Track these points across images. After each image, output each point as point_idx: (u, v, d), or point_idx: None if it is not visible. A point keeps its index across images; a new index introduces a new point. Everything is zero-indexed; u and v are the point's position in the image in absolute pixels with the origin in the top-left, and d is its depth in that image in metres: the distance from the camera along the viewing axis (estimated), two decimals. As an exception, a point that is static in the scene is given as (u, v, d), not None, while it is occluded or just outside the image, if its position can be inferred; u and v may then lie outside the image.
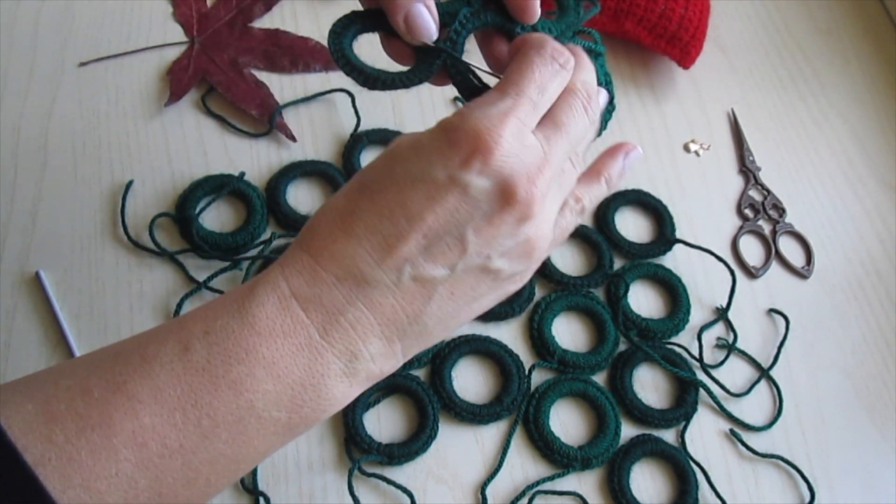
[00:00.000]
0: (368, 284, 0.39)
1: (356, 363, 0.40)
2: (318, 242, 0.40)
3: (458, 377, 0.60)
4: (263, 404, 0.38)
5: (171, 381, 0.37)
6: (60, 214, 0.64)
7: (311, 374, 0.39)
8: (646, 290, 0.66)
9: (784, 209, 0.71)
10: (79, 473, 0.34)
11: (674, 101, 0.76)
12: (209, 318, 0.39)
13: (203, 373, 0.37)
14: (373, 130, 0.70)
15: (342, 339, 0.39)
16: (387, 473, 0.56)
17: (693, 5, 0.74)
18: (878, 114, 0.77)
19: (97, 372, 0.37)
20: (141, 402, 0.36)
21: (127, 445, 0.35)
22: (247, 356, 0.38)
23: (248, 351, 0.38)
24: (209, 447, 0.38)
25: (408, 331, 0.41)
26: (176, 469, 0.37)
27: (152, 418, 0.36)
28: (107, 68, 0.72)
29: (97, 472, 0.35)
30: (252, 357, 0.38)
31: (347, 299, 0.39)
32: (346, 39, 0.45)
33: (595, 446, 0.58)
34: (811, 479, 0.58)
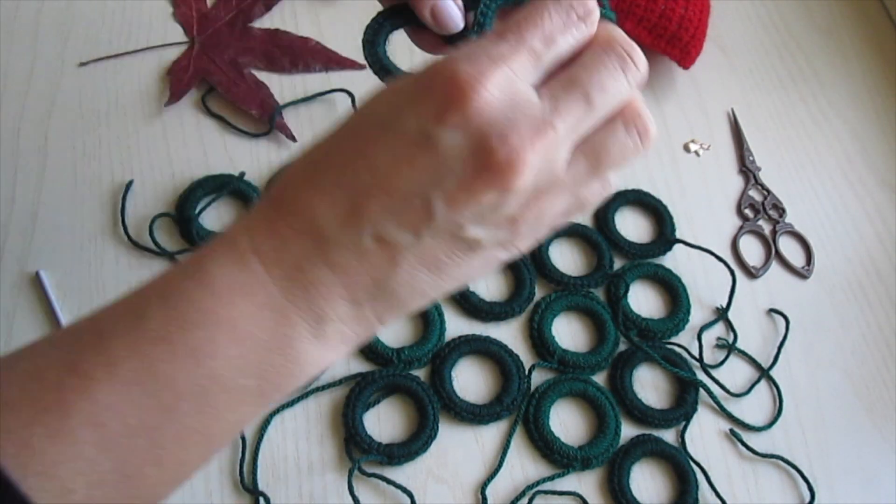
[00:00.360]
0: (328, 242, 0.35)
1: (324, 324, 0.36)
2: (281, 192, 0.37)
3: (458, 377, 0.60)
4: (228, 371, 0.35)
5: (126, 354, 0.34)
6: (60, 214, 0.64)
7: (277, 335, 0.36)
8: (646, 290, 0.66)
9: (784, 209, 0.71)
10: (37, 460, 0.32)
11: (674, 101, 0.76)
12: (165, 282, 0.36)
13: (159, 341, 0.34)
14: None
15: (305, 299, 0.36)
16: (387, 473, 0.56)
17: (693, 5, 0.74)
18: (878, 114, 0.77)
19: (52, 353, 0.35)
20: (94, 379, 0.33)
21: (84, 427, 0.33)
22: (204, 319, 0.35)
23: (206, 313, 0.35)
24: (174, 422, 0.35)
25: (376, 295, 0.37)
26: (141, 448, 0.34)
27: (108, 396, 0.33)
28: (107, 68, 0.72)
29: (56, 458, 0.32)
30: (210, 320, 0.35)
31: (307, 257, 0.36)
32: (379, 47, 0.44)
33: (595, 446, 0.58)
34: (811, 479, 0.58)
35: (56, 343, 0.36)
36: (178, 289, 0.35)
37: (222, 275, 0.35)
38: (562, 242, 0.67)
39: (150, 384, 0.34)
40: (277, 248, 0.35)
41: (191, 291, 0.35)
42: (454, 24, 0.42)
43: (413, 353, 0.59)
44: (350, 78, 0.73)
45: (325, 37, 0.75)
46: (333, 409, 0.58)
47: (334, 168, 0.36)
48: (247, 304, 0.35)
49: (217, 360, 0.35)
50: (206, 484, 0.55)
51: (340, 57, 0.74)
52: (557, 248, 0.67)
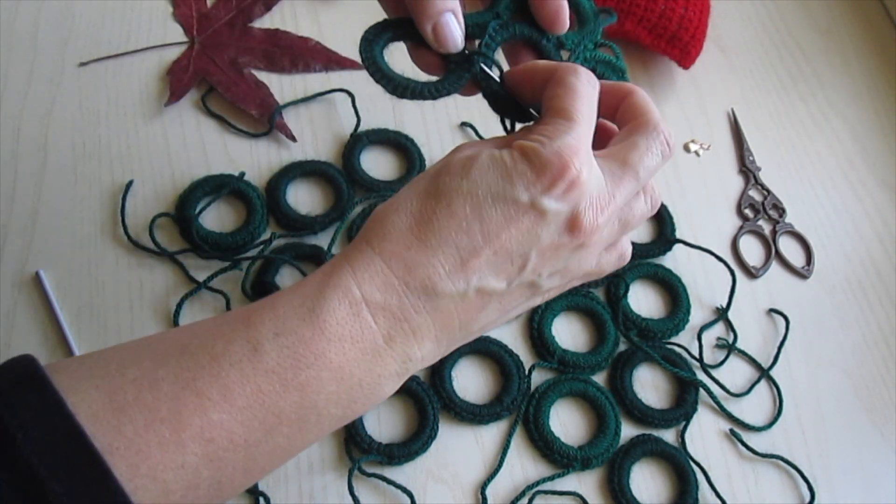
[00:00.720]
0: (437, 295, 0.41)
1: (408, 364, 0.42)
2: (390, 247, 0.41)
3: (458, 377, 0.60)
4: (325, 403, 0.40)
5: (241, 380, 0.38)
6: (60, 214, 0.64)
7: (371, 374, 0.41)
8: (646, 290, 0.66)
9: (784, 209, 0.71)
10: (146, 464, 0.35)
11: (674, 101, 0.76)
12: (279, 318, 0.40)
13: (272, 374, 0.39)
14: (373, 130, 0.70)
15: (402, 344, 0.41)
16: (387, 473, 0.56)
17: (693, 5, 0.74)
18: (878, 114, 0.77)
19: (164, 366, 0.38)
20: (210, 399, 0.37)
21: (195, 440, 0.37)
22: (315, 360, 0.39)
23: (318, 356, 0.39)
24: (270, 441, 0.39)
25: (456, 335, 0.43)
26: (238, 460, 0.38)
27: (220, 415, 0.37)
28: (107, 68, 0.72)
29: (164, 464, 0.36)
30: (321, 361, 0.39)
31: (415, 308, 0.41)
32: (377, 46, 0.45)
33: (595, 446, 0.58)
34: (811, 479, 0.58)
35: (163, 356, 0.39)
36: (293, 331, 0.39)
37: (335, 322, 0.40)
38: (562, 242, 0.67)
39: (259, 410, 0.38)
40: (388, 299, 0.41)
41: (306, 335, 0.39)
42: (454, 44, 0.44)
43: (413, 353, 0.59)
44: (350, 78, 0.73)
45: (325, 37, 0.75)
46: (333, 409, 0.58)
47: (448, 228, 0.41)
48: (354, 349, 0.40)
49: (318, 395, 0.40)
50: (206, 484, 0.55)
51: (340, 57, 0.74)
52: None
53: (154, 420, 0.36)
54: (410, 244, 0.41)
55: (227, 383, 0.38)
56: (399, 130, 0.70)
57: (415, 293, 0.41)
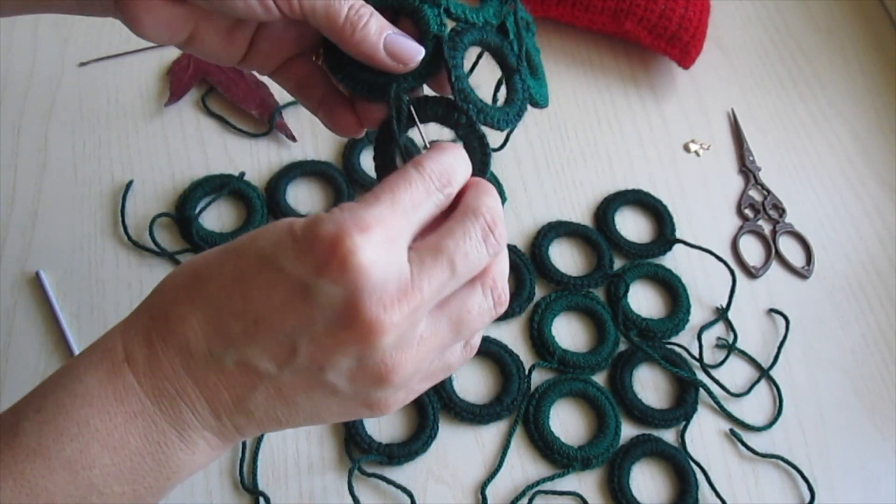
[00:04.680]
0: (192, 355, 0.37)
1: (189, 432, 0.38)
2: (160, 299, 0.38)
3: (458, 377, 0.60)
4: (103, 480, 0.36)
5: (4, 473, 0.35)
6: (60, 214, 0.64)
7: (149, 441, 0.37)
8: (646, 290, 0.66)
9: (784, 209, 0.71)
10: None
11: (674, 101, 0.76)
12: (41, 395, 0.37)
13: (35, 456, 0.35)
14: (372, 130, 0.70)
15: (171, 407, 0.37)
16: (387, 473, 0.56)
17: (693, 5, 0.74)
18: (878, 114, 0.77)
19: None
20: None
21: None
22: (79, 430, 0.36)
23: (81, 424, 0.36)
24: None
25: (235, 412, 0.38)
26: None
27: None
28: (107, 68, 0.72)
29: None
30: (85, 431, 0.36)
31: (173, 367, 0.37)
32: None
33: (595, 446, 0.58)
34: (811, 479, 0.58)
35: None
36: (52, 401, 0.36)
37: (96, 384, 0.36)
38: (562, 242, 0.67)
39: (29, 500, 0.35)
40: (148, 357, 0.37)
41: (65, 402, 0.36)
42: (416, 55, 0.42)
43: (413, 353, 0.59)
44: (350, 78, 0.73)
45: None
46: (333, 409, 0.58)
47: (213, 287, 0.37)
48: (121, 412, 0.36)
49: (91, 470, 0.36)
50: (206, 484, 0.55)
51: (340, 57, 0.74)
52: (557, 248, 0.67)
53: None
54: (179, 300, 0.37)
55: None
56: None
57: (172, 351, 0.37)
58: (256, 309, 0.36)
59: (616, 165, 0.72)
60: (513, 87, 0.45)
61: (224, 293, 0.36)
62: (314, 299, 0.35)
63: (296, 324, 0.36)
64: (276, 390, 0.37)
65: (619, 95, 0.76)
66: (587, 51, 0.79)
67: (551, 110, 0.74)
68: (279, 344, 0.36)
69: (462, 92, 0.42)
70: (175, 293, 0.38)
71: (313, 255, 0.35)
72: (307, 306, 0.35)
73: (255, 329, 0.36)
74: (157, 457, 0.37)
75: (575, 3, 0.75)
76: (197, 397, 0.37)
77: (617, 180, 0.71)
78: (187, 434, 0.38)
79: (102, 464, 0.36)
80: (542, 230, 0.67)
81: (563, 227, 0.67)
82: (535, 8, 0.76)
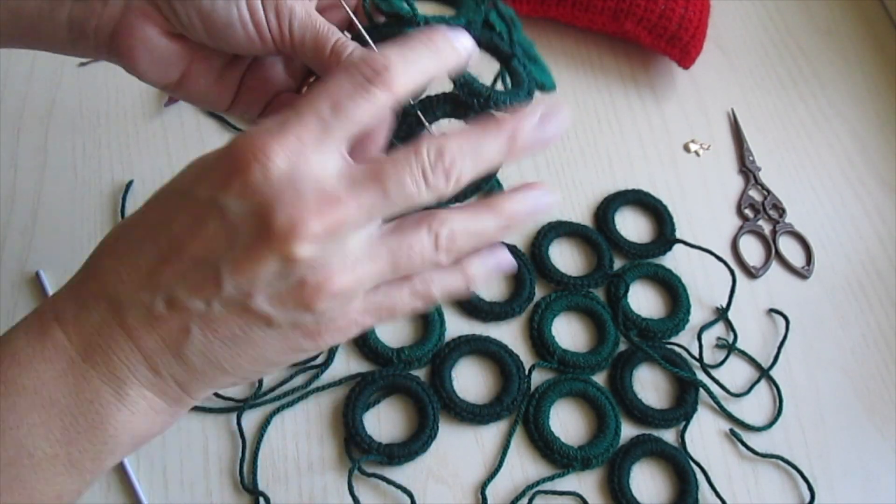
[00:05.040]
0: (122, 305, 0.36)
1: (127, 388, 0.36)
2: (91, 260, 0.38)
3: (458, 377, 0.60)
4: (32, 440, 0.35)
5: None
6: (60, 214, 0.64)
7: (80, 399, 0.36)
8: (646, 290, 0.66)
9: (784, 209, 0.71)
10: None
11: (674, 101, 0.76)
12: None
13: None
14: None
15: (104, 362, 0.36)
16: (387, 473, 0.55)
17: (693, 5, 0.74)
18: (878, 114, 0.77)
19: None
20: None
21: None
22: (6, 389, 0.35)
23: (8, 384, 0.35)
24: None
25: (173, 363, 0.36)
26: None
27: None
28: (107, 68, 0.72)
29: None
30: (12, 389, 0.35)
31: (104, 319, 0.36)
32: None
33: (595, 446, 0.58)
34: (811, 479, 0.58)
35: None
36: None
37: (25, 344, 0.36)
38: (562, 242, 0.67)
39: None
40: (77, 313, 0.36)
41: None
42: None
43: (413, 353, 0.59)
44: (350, 78, 0.73)
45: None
46: (333, 409, 0.58)
47: (137, 235, 0.37)
48: (47, 369, 0.36)
49: (20, 429, 0.35)
50: (206, 484, 0.55)
51: (340, 57, 0.74)
52: (557, 248, 0.67)
53: None
54: (105, 252, 0.37)
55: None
56: (399, 130, 0.70)
57: (102, 303, 0.36)
58: (178, 244, 0.35)
59: (616, 165, 0.72)
60: (514, 71, 0.45)
61: (149, 237, 0.36)
62: (225, 217, 0.34)
63: (212, 248, 0.34)
64: (209, 329, 0.36)
65: (619, 95, 0.76)
66: (587, 51, 0.79)
67: (551, 110, 0.74)
68: (202, 275, 0.35)
69: (466, 85, 0.41)
70: (103, 248, 0.38)
71: (219, 172, 0.34)
72: (220, 227, 0.34)
73: (181, 266, 0.35)
74: (89, 417, 0.36)
75: (575, 3, 0.75)
76: (131, 350, 0.36)
77: (617, 180, 0.71)
78: (123, 391, 0.36)
79: (31, 423, 0.35)
80: (542, 230, 0.67)
81: (563, 227, 0.67)
82: (535, 8, 0.76)
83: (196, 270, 0.35)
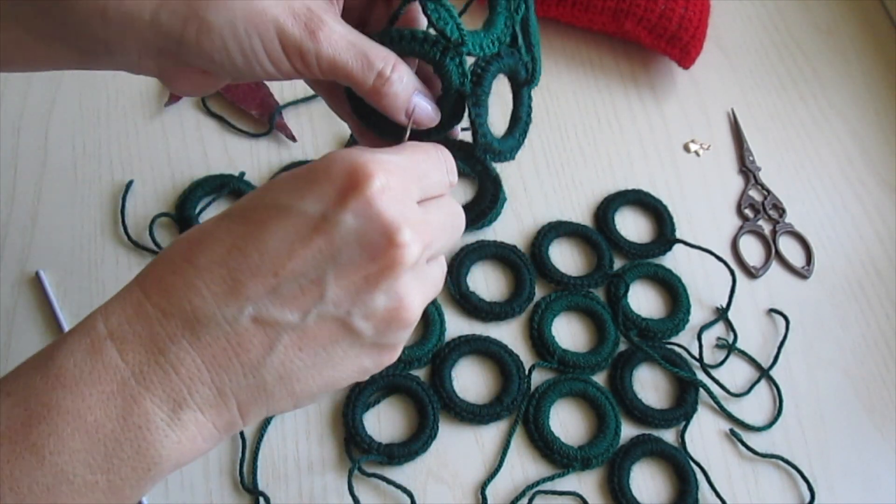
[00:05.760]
0: (199, 321, 0.34)
1: (182, 412, 0.35)
2: (154, 273, 0.36)
3: (458, 377, 0.60)
4: (73, 467, 0.33)
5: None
6: (60, 214, 0.64)
7: (127, 425, 0.34)
8: (646, 290, 0.66)
9: (784, 209, 0.71)
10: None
11: (674, 101, 0.76)
12: (15, 377, 0.35)
13: (3, 439, 0.33)
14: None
15: (162, 383, 0.34)
16: (387, 473, 0.55)
17: (693, 5, 0.74)
18: (878, 114, 0.77)
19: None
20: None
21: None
22: (49, 413, 0.33)
23: (51, 407, 0.33)
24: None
25: (243, 384, 0.35)
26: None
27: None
28: (107, 68, 0.72)
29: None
30: (55, 413, 0.33)
31: (172, 337, 0.34)
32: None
33: (595, 446, 0.58)
34: (811, 479, 0.58)
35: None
36: (24, 383, 0.34)
37: (71, 364, 0.34)
38: (562, 242, 0.67)
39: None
40: (139, 330, 0.35)
41: (37, 384, 0.34)
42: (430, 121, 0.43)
43: (413, 353, 0.59)
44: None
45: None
46: (333, 409, 0.58)
47: (220, 246, 0.35)
48: (94, 392, 0.34)
49: (61, 455, 0.33)
50: (206, 484, 0.55)
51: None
52: (557, 248, 0.67)
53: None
54: (177, 268, 0.35)
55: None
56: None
57: (171, 320, 0.34)
58: (274, 258, 0.35)
59: (616, 165, 0.72)
60: (520, 102, 0.46)
61: (235, 252, 0.35)
62: (337, 232, 0.34)
63: (317, 262, 0.35)
64: (297, 344, 0.36)
65: (619, 95, 0.76)
66: (587, 51, 0.79)
67: (551, 110, 0.74)
68: (302, 288, 0.35)
69: (487, 146, 0.44)
70: (172, 265, 0.36)
71: (332, 187, 0.35)
72: (330, 241, 0.35)
73: (276, 280, 0.35)
74: (136, 443, 0.34)
75: (575, 3, 0.75)
76: (198, 368, 0.35)
77: (617, 180, 0.71)
78: (177, 414, 0.35)
79: (73, 448, 0.33)
80: (542, 230, 0.67)
81: (563, 227, 0.67)
82: (535, 8, 0.76)
83: (293, 283, 0.35)
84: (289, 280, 0.35)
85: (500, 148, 0.45)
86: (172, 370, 0.34)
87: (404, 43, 0.42)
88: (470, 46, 0.42)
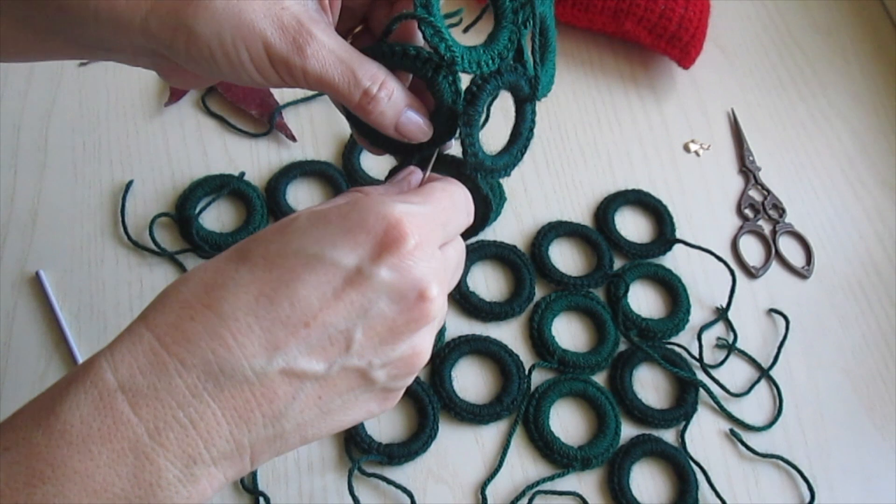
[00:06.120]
0: (224, 373, 0.33)
1: (194, 468, 0.33)
2: (167, 318, 0.34)
3: (458, 377, 0.60)
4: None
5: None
6: (60, 214, 0.64)
7: (138, 483, 0.32)
8: (646, 290, 0.66)
9: (784, 209, 0.71)
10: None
11: (674, 101, 0.76)
12: (14, 428, 0.33)
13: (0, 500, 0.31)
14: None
15: (179, 440, 0.33)
16: (387, 473, 0.55)
17: (693, 5, 0.74)
18: (878, 114, 0.77)
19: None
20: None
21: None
22: (54, 473, 0.31)
23: (56, 466, 0.31)
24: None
25: (262, 435, 0.35)
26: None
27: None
28: (107, 68, 0.72)
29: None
30: (61, 473, 0.31)
31: (193, 390, 0.33)
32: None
33: (595, 446, 0.58)
34: (811, 479, 0.58)
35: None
36: (25, 438, 0.32)
37: (79, 421, 0.32)
38: (562, 242, 0.67)
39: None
40: (154, 381, 0.33)
41: (39, 440, 0.32)
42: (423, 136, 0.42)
43: (413, 353, 0.59)
44: (350, 78, 0.73)
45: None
46: (333, 409, 0.58)
47: (248, 293, 0.34)
48: (106, 451, 0.32)
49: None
50: (206, 484, 0.55)
51: (340, 57, 0.74)
52: (557, 248, 0.67)
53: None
54: (196, 314, 0.34)
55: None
56: (399, 130, 0.70)
57: (193, 372, 0.33)
58: (306, 308, 0.34)
59: (616, 165, 0.72)
60: (522, 117, 0.46)
61: (264, 301, 0.34)
62: (370, 284, 0.35)
63: (349, 314, 0.35)
64: (318, 392, 0.35)
65: (619, 95, 0.76)
66: (587, 51, 0.79)
67: (551, 110, 0.74)
68: (330, 339, 0.35)
69: (477, 165, 0.43)
70: (189, 310, 0.34)
71: (368, 241, 0.35)
72: (363, 295, 0.35)
73: (307, 331, 0.34)
74: (146, 502, 0.33)
75: (575, 3, 0.75)
76: (218, 423, 0.33)
77: (617, 180, 0.71)
78: (190, 470, 0.33)
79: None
80: (542, 230, 0.67)
81: (563, 228, 0.67)
82: (535, 8, 0.76)
83: (324, 334, 0.34)
84: (320, 329, 0.34)
85: (493, 166, 0.44)
86: (191, 425, 0.33)
87: (396, 59, 0.41)
88: (466, 65, 0.42)
